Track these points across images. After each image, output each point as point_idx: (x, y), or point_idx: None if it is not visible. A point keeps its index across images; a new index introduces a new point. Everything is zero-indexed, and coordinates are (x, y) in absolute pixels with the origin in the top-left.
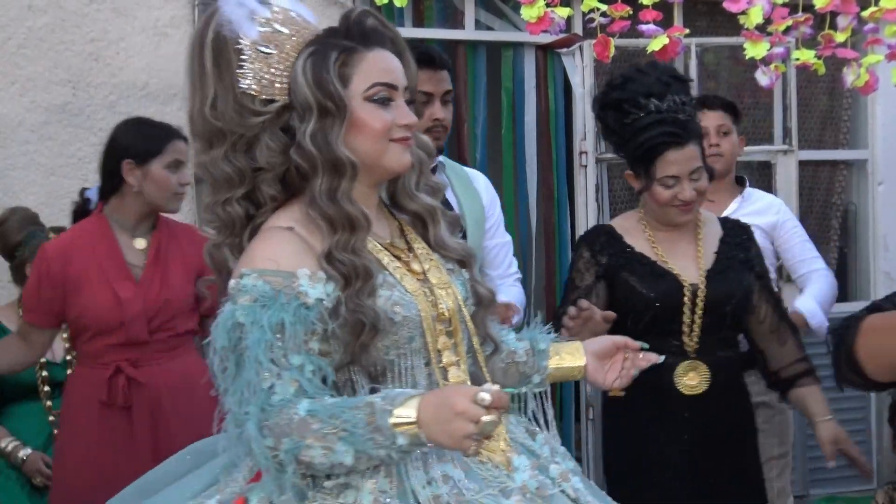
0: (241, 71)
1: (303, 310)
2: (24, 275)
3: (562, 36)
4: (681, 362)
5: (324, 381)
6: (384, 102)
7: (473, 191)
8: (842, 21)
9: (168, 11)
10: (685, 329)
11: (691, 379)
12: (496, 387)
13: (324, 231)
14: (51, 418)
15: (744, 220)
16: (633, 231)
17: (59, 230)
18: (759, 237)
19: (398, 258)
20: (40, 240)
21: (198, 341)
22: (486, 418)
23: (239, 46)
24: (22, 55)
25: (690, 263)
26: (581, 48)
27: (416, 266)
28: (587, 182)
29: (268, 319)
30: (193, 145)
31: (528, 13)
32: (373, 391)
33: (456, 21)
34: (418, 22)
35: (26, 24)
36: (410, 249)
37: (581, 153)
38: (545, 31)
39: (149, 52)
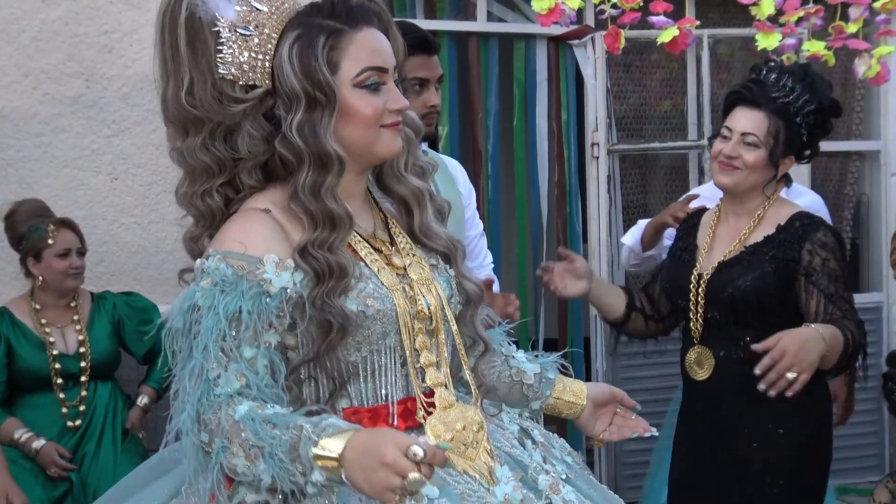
0: (220, 55)
1: (264, 298)
2: (27, 268)
3: (573, 28)
4: (691, 347)
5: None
6: (375, 88)
7: (452, 181)
8: (853, 12)
9: None
10: (692, 316)
11: (699, 364)
12: (434, 442)
13: (304, 223)
14: (64, 410)
15: None
16: (708, 220)
17: (63, 221)
18: None
19: (378, 251)
20: (41, 233)
21: None
22: (413, 475)
23: (216, 29)
24: (35, 47)
25: (722, 252)
26: (593, 40)
27: (396, 260)
28: (599, 173)
29: (224, 307)
30: (166, 131)
31: (539, 5)
32: (340, 386)
33: (468, 13)
34: (430, 13)
35: (40, 17)
36: (393, 243)
37: (593, 144)
38: (556, 23)
39: None
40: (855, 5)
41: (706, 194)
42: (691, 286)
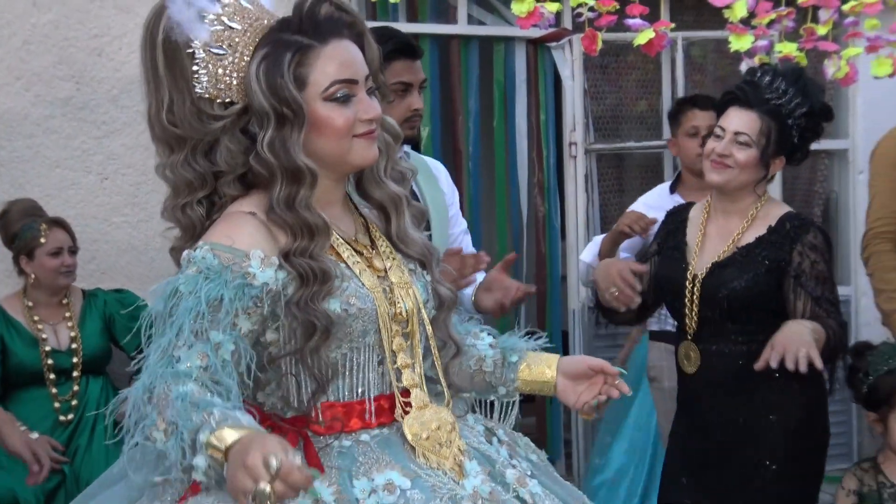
0: (196, 75)
1: (246, 289)
2: (20, 267)
3: (551, 30)
4: (681, 342)
5: (247, 367)
6: (345, 99)
7: (435, 181)
8: (823, 14)
9: None
10: (687, 312)
11: (688, 359)
12: (297, 460)
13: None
14: (56, 405)
15: None
16: (697, 215)
17: (55, 221)
18: None
19: (360, 253)
20: (33, 232)
21: None
22: (261, 485)
23: (191, 50)
24: (27, 50)
25: (715, 252)
26: (570, 42)
27: (377, 263)
28: (577, 172)
29: (206, 292)
30: (155, 148)
31: (519, 8)
32: (323, 384)
33: (449, 16)
34: (412, 17)
35: (31, 21)
36: (374, 246)
37: (571, 144)
38: (535, 26)
39: None
40: (825, 8)
41: (651, 203)
42: (686, 287)
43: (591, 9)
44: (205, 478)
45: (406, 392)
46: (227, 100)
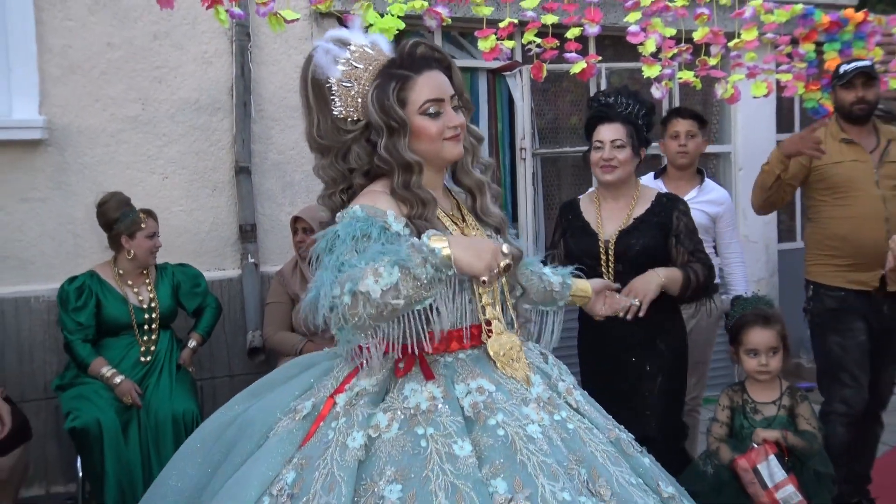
0: (333, 102)
1: (386, 231)
2: (121, 244)
3: (506, 62)
4: None
5: None
6: (435, 114)
7: None
8: (714, 49)
9: (213, 46)
10: (604, 271)
11: None
12: (514, 248)
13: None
14: (142, 349)
15: (699, 205)
16: (589, 202)
17: (149, 212)
18: (704, 218)
19: (455, 224)
20: (133, 218)
21: None
22: (503, 262)
23: (329, 85)
24: (103, 80)
25: (616, 225)
26: (520, 71)
27: (467, 231)
28: (526, 171)
29: (360, 227)
30: (314, 155)
31: (484, 45)
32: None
33: None
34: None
35: (106, 56)
36: (464, 220)
37: (521, 149)
38: (496, 58)
39: (199, 77)
40: (715, 45)
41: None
42: (601, 250)
43: (538, 45)
44: (436, 270)
45: (489, 322)
46: (355, 118)
